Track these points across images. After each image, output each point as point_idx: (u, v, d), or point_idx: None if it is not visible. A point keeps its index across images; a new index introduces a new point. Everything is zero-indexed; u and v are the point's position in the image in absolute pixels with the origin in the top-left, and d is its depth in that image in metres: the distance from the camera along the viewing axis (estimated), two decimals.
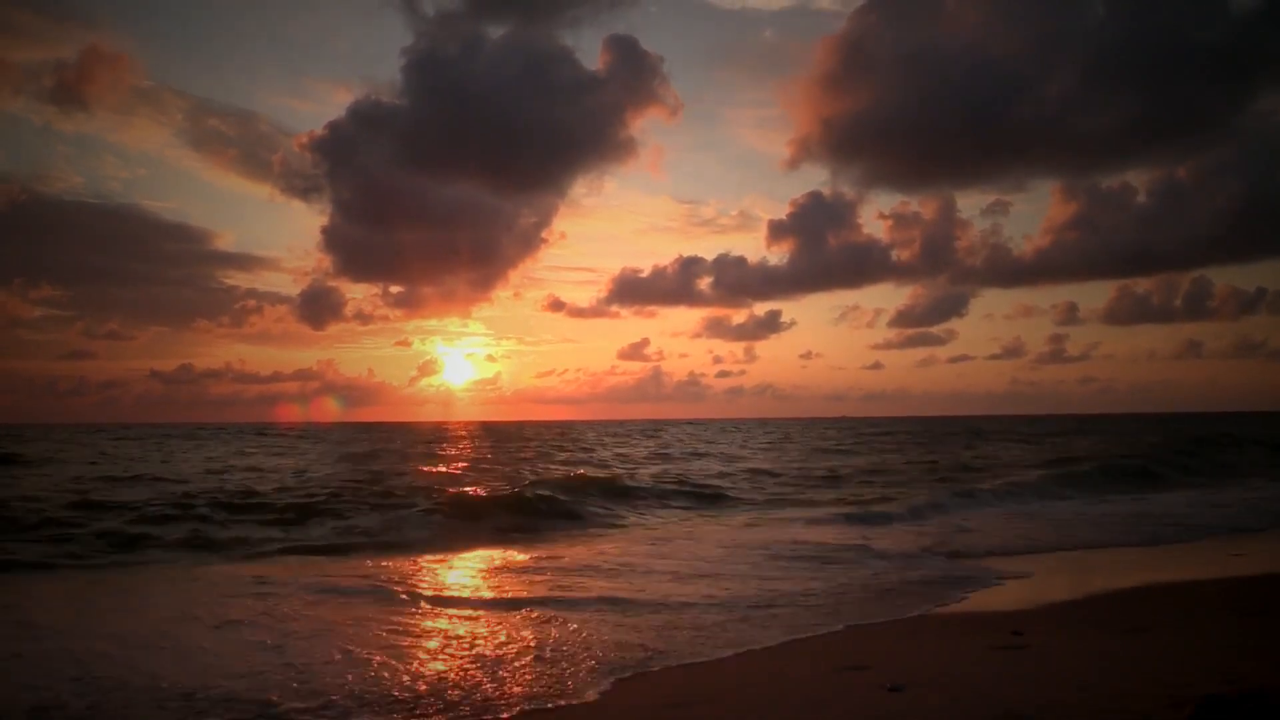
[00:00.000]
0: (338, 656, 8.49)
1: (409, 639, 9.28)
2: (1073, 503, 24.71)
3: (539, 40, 77.56)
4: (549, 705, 7.21)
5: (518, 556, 15.57)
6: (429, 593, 11.99)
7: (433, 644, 9.12)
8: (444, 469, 35.34)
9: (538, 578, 13.08)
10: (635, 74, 79.79)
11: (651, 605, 10.96)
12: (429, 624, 10.09)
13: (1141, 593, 11.76)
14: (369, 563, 14.79)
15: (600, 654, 8.70)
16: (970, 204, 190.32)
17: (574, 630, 9.64)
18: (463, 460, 42.45)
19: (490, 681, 7.75)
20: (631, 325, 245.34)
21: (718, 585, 12.38)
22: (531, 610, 10.65)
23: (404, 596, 11.72)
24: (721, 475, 32.37)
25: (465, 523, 19.27)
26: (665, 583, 12.57)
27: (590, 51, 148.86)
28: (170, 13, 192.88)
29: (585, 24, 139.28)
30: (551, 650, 8.80)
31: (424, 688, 7.56)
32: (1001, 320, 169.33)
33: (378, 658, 8.47)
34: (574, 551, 16.02)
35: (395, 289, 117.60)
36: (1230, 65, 64.01)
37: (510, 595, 11.81)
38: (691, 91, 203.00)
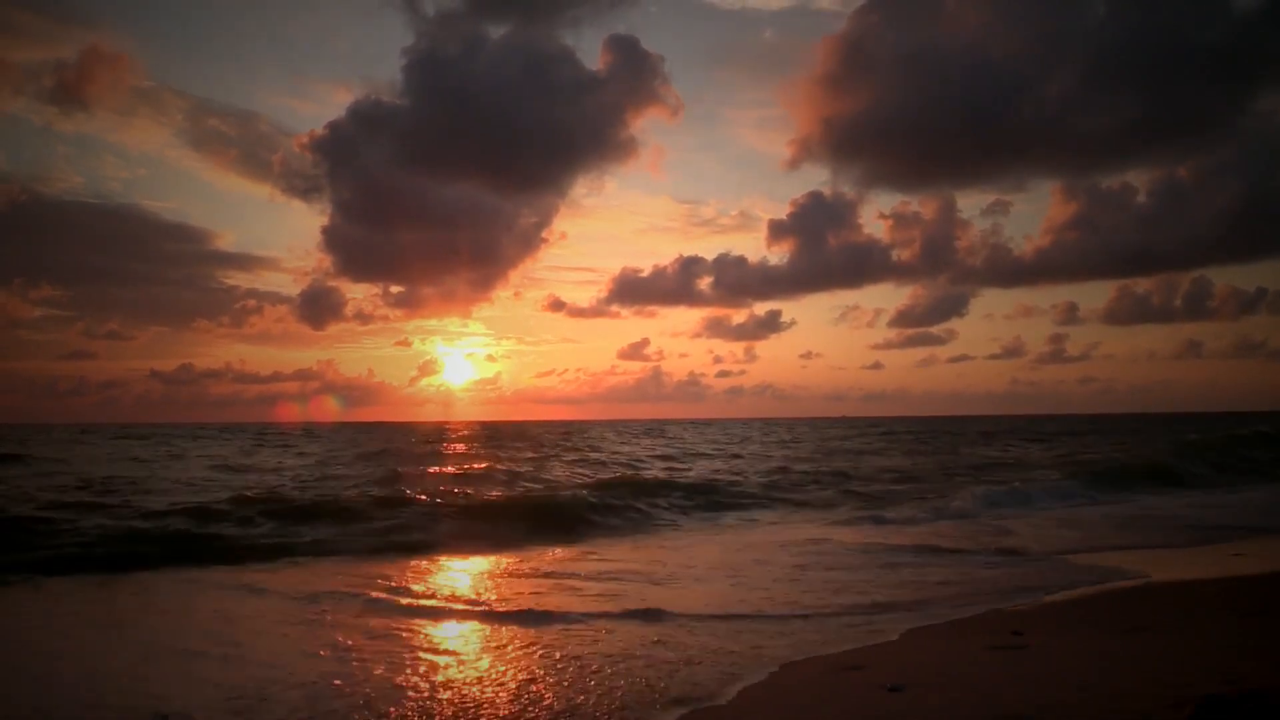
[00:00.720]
0: (411, 675, 7.85)
1: (478, 652, 8.82)
2: (1116, 501, 24.48)
3: (539, 40, 77.07)
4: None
5: (566, 560, 15.09)
6: (469, 601, 11.44)
7: (508, 658, 8.56)
8: (458, 468, 34.74)
9: (597, 584, 12.54)
10: (636, 74, 79.49)
11: (725, 613, 10.40)
12: (488, 633, 9.64)
13: (1141, 593, 11.76)
14: (403, 567, 14.48)
15: (704, 663, 8.24)
16: (970, 204, 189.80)
17: (654, 641, 9.09)
18: (476, 460, 41.62)
19: (582, 696, 7.24)
20: (631, 325, 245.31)
21: (786, 590, 11.92)
22: (609, 622, 10.00)
23: (452, 606, 11.21)
24: (743, 474, 32.01)
25: (497, 524, 18.83)
26: (733, 588, 12.11)
27: (590, 51, 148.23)
28: (170, 13, 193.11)
29: (585, 24, 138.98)
30: (635, 661, 8.28)
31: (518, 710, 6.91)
32: (1001, 320, 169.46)
33: (452, 675, 7.90)
34: (625, 554, 15.85)
35: (395, 289, 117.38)
36: (1230, 65, 63.85)
37: (571, 606, 10.87)
38: (692, 91, 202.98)
